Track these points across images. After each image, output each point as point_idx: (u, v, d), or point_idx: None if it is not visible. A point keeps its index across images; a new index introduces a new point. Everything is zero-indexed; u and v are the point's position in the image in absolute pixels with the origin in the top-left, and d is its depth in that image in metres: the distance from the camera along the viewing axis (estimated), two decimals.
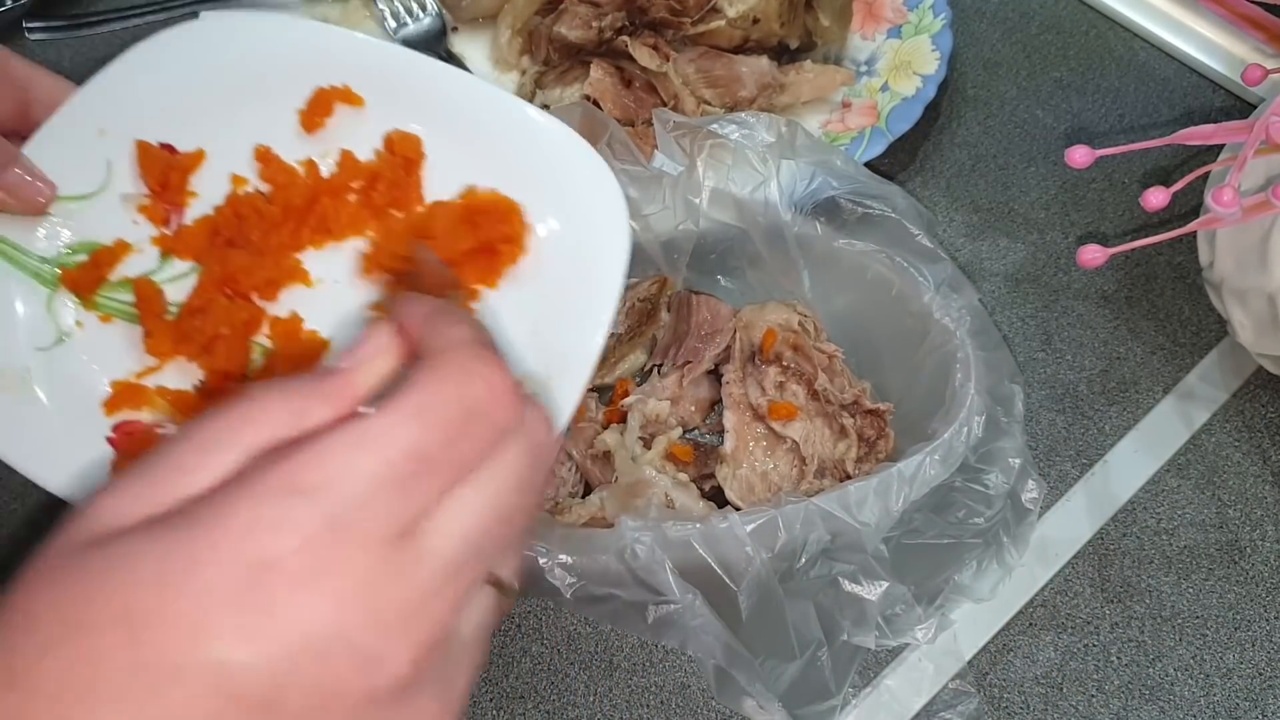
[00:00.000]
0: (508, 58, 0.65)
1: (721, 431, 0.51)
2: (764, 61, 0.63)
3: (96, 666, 0.25)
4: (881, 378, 0.55)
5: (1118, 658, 0.52)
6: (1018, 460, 0.48)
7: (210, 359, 0.46)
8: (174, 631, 0.25)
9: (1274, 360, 0.55)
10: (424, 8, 0.66)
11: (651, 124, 0.54)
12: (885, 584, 0.45)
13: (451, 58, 0.65)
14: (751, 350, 0.53)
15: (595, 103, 0.60)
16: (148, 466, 0.28)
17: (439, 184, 0.50)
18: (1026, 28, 0.71)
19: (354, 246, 0.50)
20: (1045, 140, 0.66)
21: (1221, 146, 0.56)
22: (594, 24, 0.62)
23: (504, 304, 0.48)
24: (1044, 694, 0.51)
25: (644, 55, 0.61)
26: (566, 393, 0.43)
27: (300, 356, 0.47)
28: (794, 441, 0.50)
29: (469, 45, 0.67)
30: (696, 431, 0.56)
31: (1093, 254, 0.51)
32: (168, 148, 0.50)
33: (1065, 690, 0.51)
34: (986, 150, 0.66)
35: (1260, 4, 0.65)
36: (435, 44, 0.66)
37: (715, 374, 0.55)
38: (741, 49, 0.64)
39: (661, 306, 0.58)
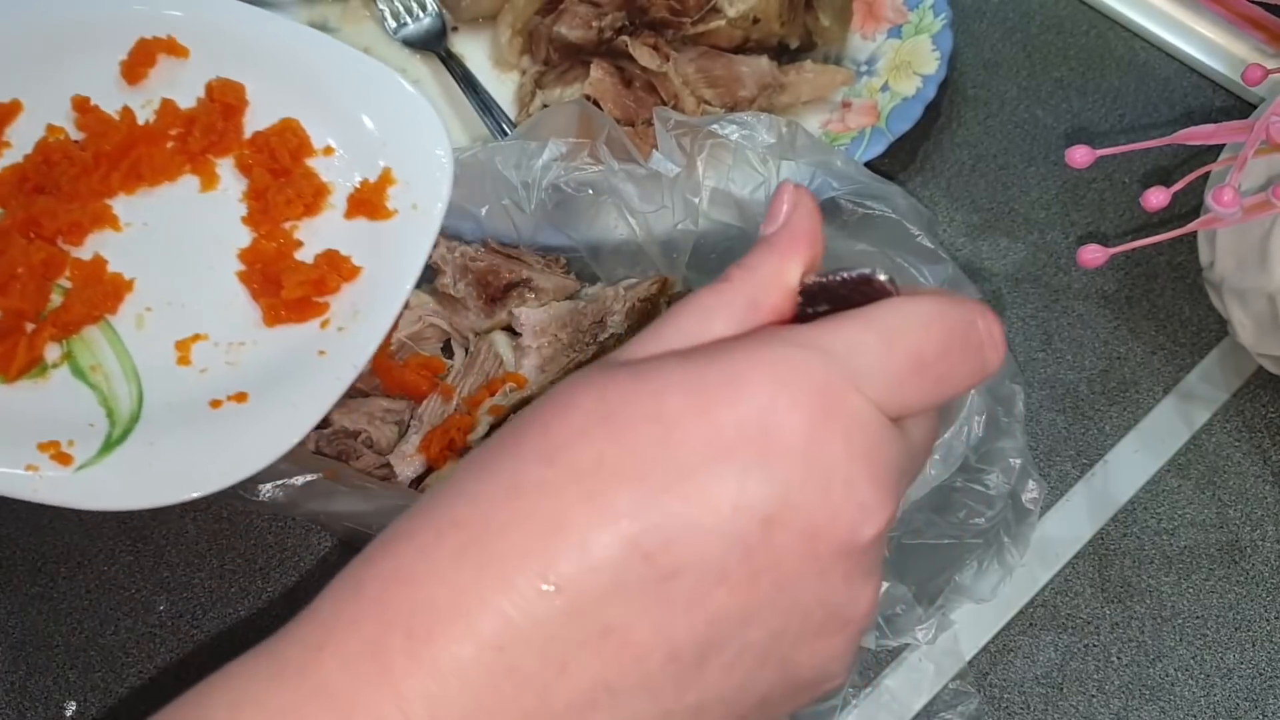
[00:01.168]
0: (508, 58, 0.65)
1: None
2: (764, 61, 0.63)
3: (627, 452, 0.27)
4: None
5: (1118, 658, 0.52)
6: (1018, 460, 0.48)
7: (5, 298, 0.46)
8: (699, 438, 0.27)
9: (1274, 360, 0.55)
10: (424, 7, 0.66)
11: (651, 124, 0.54)
12: (885, 584, 0.45)
13: (451, 57, 0.65)
14: None
15: (595, 103, 0.60)
16: (657, 325, 0.31)
17: (263, 128, 0.51)
18: (1026, 28, 0.71)
19: (166, 190, 0.50)
20: (1045, 140, 0.66)
21: (1221, 146, 0.56)
22: (594, 24, 0.62)
23: (332, 232, 0.49)
24: (1044, 694, 0.51)
25: (644, 55, 0.61)
26: (374, 324, 0.45)
27: (101, 297, 0.47)
28: None
29: (469, 45, 0.67)
30: None
31: (1093, 254, 0.51)
32: None
33: (1065, 690, 0.51)
34: (986, 150, 0.66)
35: (1260, 4, 0.65)
36: (435, 44, 0.66)
37: None
38: (741, 49, 0.64)
39: (661, 306, 0.58)
